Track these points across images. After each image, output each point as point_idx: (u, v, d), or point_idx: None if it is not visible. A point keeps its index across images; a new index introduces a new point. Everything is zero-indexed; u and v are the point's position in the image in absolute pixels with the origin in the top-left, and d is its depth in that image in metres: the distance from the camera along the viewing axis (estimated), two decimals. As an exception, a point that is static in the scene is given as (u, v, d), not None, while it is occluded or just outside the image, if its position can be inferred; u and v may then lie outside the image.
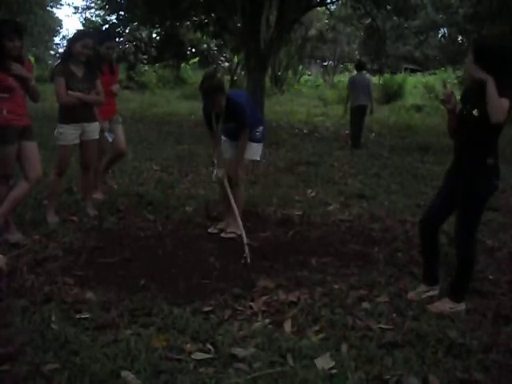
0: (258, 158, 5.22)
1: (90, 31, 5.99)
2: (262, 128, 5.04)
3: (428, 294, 3.69)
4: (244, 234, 4.57)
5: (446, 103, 3.40)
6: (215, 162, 5.05)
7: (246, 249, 4.42)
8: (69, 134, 5.02)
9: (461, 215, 3.49)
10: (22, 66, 4.33)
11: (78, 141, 5.10)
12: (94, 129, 5.20)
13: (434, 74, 28.52)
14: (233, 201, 4.79)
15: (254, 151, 5.04)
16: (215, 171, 5.00)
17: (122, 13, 18.06)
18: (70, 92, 4.92)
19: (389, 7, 14.56)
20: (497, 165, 3.37)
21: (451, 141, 3.62)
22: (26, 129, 4.44)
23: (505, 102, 3.11)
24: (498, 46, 3.29)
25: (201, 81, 4.74)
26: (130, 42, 26.18)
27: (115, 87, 5.87)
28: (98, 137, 5.29)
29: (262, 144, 5.14)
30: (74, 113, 4.99)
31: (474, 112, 3.28)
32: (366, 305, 3.54)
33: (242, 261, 4.33)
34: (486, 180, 3.37)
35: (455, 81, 21.38)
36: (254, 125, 4.94)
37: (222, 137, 5.08)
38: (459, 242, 3.53)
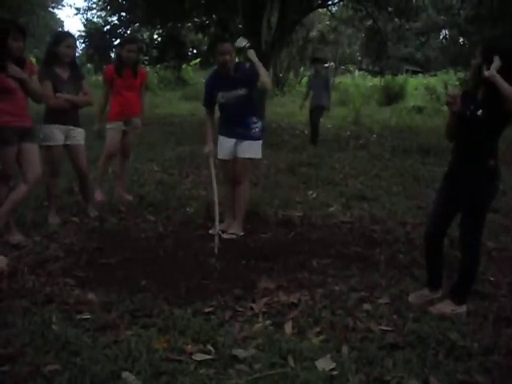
0: (260, 156, 5.14)
1: (68, 31, 6.07)
2: (260, 123, 5.00)
3: (430, 297, 3.69)
4: (217, 224, 4.69)
5: (452, 105, 3.37)
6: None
7: (217, 239, 4.53)
8: (55, 133, 4.97)
9: (465, 218, 3.48)
10: (24, 68, 4.32)
11: (63, 142, 5.05)
12: (79, 134, 5.16)
13: (435, 75, 28.53)
14: (215, 182, 4.86)
15: (255, 149, 4.99)
16: (205, 148, 5.00)
17: (124, 14, 18.11)
18: (58, 94, 4.92)
19: (390, 9, 14.57)
20: (498, 166, 3.37)
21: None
22: (27, 130, 4.43)
23: None
24: (508, 47, 3.30)
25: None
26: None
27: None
28: (83, 142, 5.23)
29: (261, 141, 5.06)
30: (60, 114, 4.97)
31: (479, 113, 3.27)
32: (366, 306, 3.54)
33: (215, 250, 4.47)
34: (489, 182, 3.37)
35: (456, 82, 21.35)
36: (254, 115, 4.94)
37: (219, 136, 5.07)
38: (463, 245, 3.51)
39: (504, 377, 2.80)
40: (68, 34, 5.23)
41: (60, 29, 46.78)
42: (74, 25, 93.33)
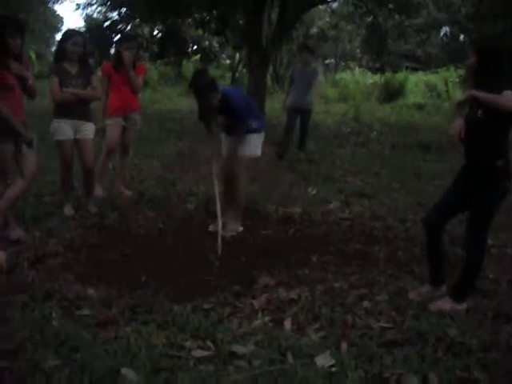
0: (259, 154, 5.11)
1: (78, 30, 6.17)
2: (257, 121, 4.95)
3: (431, 294, 3.67)
4: (220, 226, 4.62)
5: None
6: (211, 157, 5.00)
7: (219, 240, 4.46)
8: (63, 127, 5.09)
9: (471, 219, 3.47)
10: (21, 64, 4.35)
11: (73, 136, 5.13)
12: (88, 128, 5.24)
13: (436, 72, 28.46)
14: (218, 198, 4.77)
15: (254, 145, 4.96)
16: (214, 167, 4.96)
17: (124, 9, 18.08)
18: (64, 89, 5.01)
19: (390, 5, 14.55)
20: (508, 167, 3.35)
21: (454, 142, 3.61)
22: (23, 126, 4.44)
23: (509, 94, 3.12)
24: (500, 46, 3.31)
25: (191, 79, 4.68)
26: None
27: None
28: (92, 137, 5.30)
29: (261, 136, 5.03)
30: (68, 109, 5.06)
31: (479, 113, 3.27)
32: (366, 303, 3.54)
33: (219, 252, 4.37)
34: (497, 183, 3.35)
35: (457, 79, 21.32)
36: (249, 116, 4.88)
37: (222, 134, 5.08)
38: (468, 244, 3.50)
39: (502, 373, 2.80)
40: (75, 33, 5.35)
41: (59, 25, 46.86)
42: (73, 21, 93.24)
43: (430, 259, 3.76)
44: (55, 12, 45.32)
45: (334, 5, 20.17)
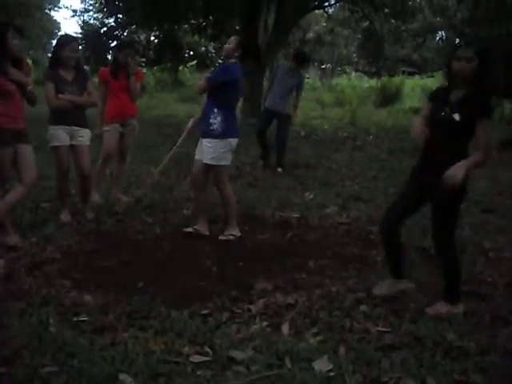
0: (223, 163, 4.89)
1: (73, 35, 6.19)
2: (220, 118, 4.76)
3: (398, 288, 3.73)
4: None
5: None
6: None
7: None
8: (59, 134, 5.06)
9: (437, 216, 3.46)
10: (21, 69, 4.35)
11: (69, 142, 5.12)
12: (84, 134, 5.21)
13: (432, 76, 28.55)
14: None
15: (215, 152, 4.80)
16: None
17: (121, 16, 18.15)
18: (60, 95, 5.00)
19: (386, 10, 14.62)
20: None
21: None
22: (22, 132, 4.44)
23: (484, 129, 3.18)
24: (485, 48, 3.34)
25: None
26: (128, 44, 26.19)
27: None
28: (88, 143, 5.28)
29: (224, 143, 4.83)
30: (64, 115, 5.05)
31: (455, 116, 3.27)
32: (363, 307, 3.54)
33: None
34: (464, 185, 3.31)
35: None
36: (217, 106, 4.80)
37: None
38: (439, 245, 3.51)
39: (500, 377, 2.80)
40: (72, 38, 5.37)
41: (57, 31, 46.88)
42: (70, 27, 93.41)
43: (389, 256, 3.81)
44: (52, 17, 45.33)
45: (331, 10, 20.21)
